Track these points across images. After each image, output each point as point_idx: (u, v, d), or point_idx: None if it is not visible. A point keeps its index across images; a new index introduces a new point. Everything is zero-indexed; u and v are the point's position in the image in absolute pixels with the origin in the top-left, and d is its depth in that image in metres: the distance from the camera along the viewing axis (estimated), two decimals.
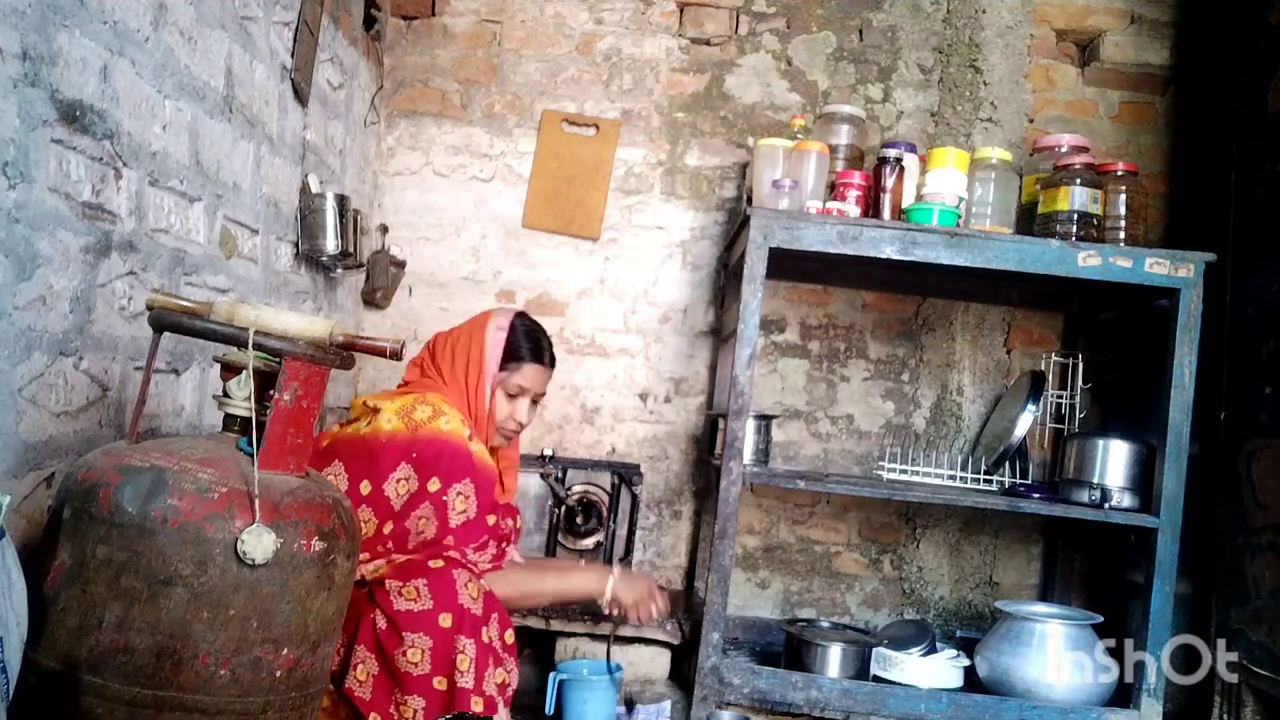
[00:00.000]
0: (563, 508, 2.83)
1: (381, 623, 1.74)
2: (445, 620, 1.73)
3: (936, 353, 2.99)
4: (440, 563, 1.80)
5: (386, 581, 1.77)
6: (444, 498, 1.86)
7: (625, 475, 2.91)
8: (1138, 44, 2.95)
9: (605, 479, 2.92)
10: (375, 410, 1.91)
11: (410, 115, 3.04)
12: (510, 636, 1.87)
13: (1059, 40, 3.02)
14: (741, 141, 3.01)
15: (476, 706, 1.72)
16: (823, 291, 3.01)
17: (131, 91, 1.61)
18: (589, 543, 2.90)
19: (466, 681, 1.72)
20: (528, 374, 2.07)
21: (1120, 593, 2.68)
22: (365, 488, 1.84)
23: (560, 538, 2.87)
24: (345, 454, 1.86)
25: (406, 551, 1.85)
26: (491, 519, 1.93)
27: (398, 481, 1.84)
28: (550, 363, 2.13)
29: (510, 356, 2.05)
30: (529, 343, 2.08)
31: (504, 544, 2.01)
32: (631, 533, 2.92)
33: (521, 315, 2.13)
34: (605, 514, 2.88)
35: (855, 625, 2.77)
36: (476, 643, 1.75)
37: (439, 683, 1.72)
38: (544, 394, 2.15)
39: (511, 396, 2.07)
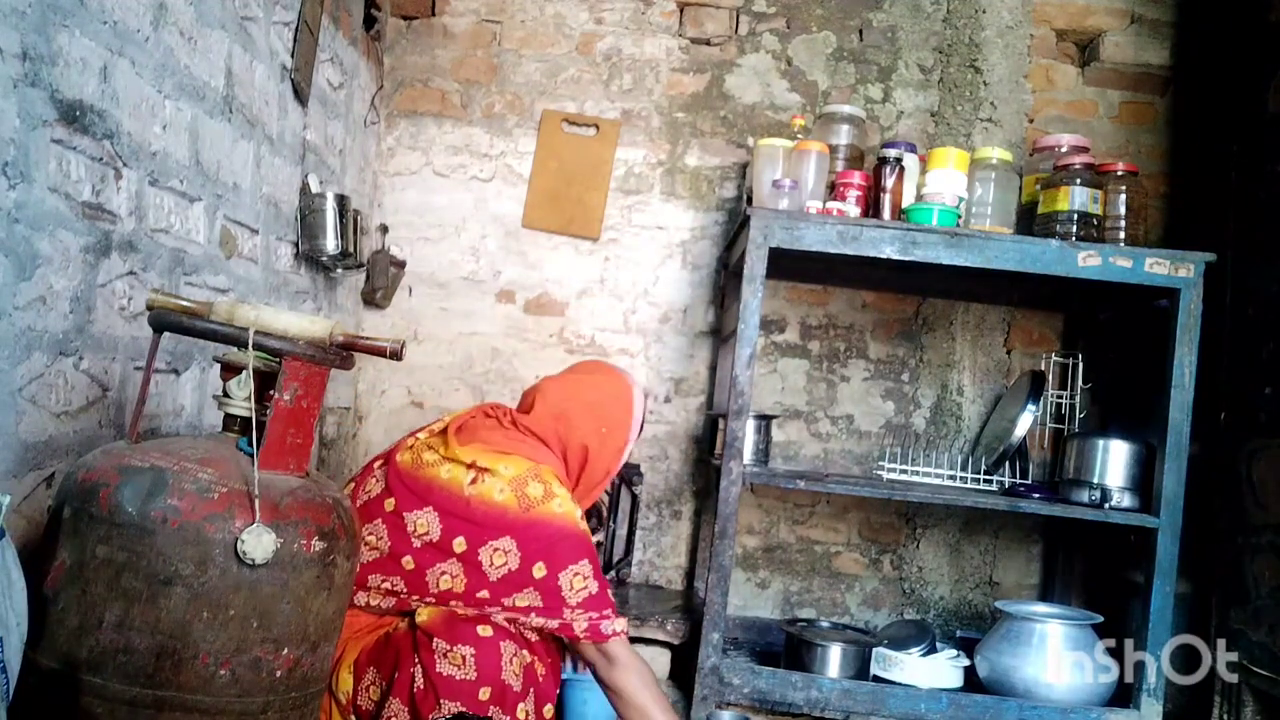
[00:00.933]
0: None
1: (420, 681, 1.70)
2: (484, 694, 1.69)
3: (936, 353, 2.99)
4: (489, 630, 1.74)
5: (434, 640, 1.71)
6: (555, 583, 1.79)
7: (625, 475, 2.91)
8: (1138, 44, 2.95)
9: None
10: (485, 470, 1.81)
11: (410, 115, 3.04)
12: (549, 711, 1.82)
13: (1059, 40, 3.02)
14: (741, 141, 3.01)
15: None
16: (823, 291, 3.01)
17: (131, 91, 1.61)
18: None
19: None
20: (633, 445, 2.09)
21: (1120, 593, 2.68)
22: (460, 545, 1.77)
23: None
24: (444, 505, 1.79)
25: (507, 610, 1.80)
26: (609, 594, 1.86)
27: (494, 551, 1.78)
28: None
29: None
30: (643, 419, 2.08)
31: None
32: (631, 533, 2.92)
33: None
34: (605, 514, 2.88)
35: (855, 625, 2.77)
36: (512, 717, 1.71)
37: None
38: None
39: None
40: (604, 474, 2.01)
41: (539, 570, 1.78)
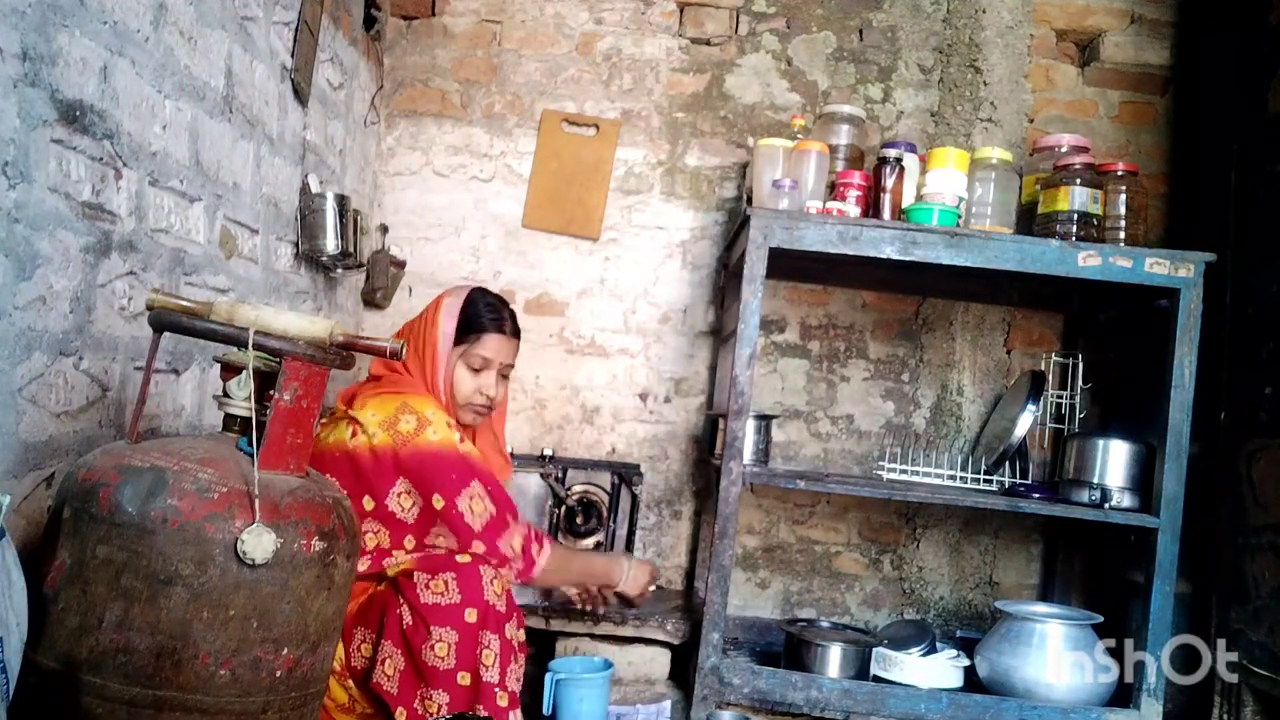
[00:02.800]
0: (563, 508, 2.83)
1: (408, 617, 1.76)
2: (471, 615, 1.76)
3: (936, 353, 2.99)
4: (467, 558, 1.83)
5: (414, 574, 1.79)
6: (455, 510, 1.86)
7: (625, 475, 2.90)
8: (1138, 44, 2.95)
9: (605, 479, 2.91)
10: (356, 421, 1.87)
11: (410, 115, 3.04)
12: (521, 636, 1.91)
13: (1059, 40, 3.02)
14: (741, 141, 3.01)
15: (501, 701, 1.76)
16: (823, 291, 3.01)
17: (131, 91, 1.61)
18: (589, 543, 2.89)
19: (491, 676, 1.76)
20: (489, 344, 2.04)
21: (1120, 593, 2.68)
22: (368, 503, 1.85)
23: (560, 537, 2.87)
24: (335, 469, 1.79)
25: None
26: (509, 517, 1.94)
27: (399, 495, 1.86)
28: (513, 332, 2.10)
29: (469, 329, 2.02)
30: (489, 312, 2.05)
31: (535, 532, 2.03)
32: (631, 533, 2.91)
33: (481, 289, 2.11)
34: (605, 514, 2.87)
35: (855, 625, 2.77)
36: (500, 638, 1.78)
37: (463, 678, 1.75)
38: (512, 366, 2.13)
39: (475, 370, 2.03)
40: (433, 357, 1.99)
41: (437, 501, 1.86)
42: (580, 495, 2.87)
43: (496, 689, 1.76)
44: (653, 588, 2.38)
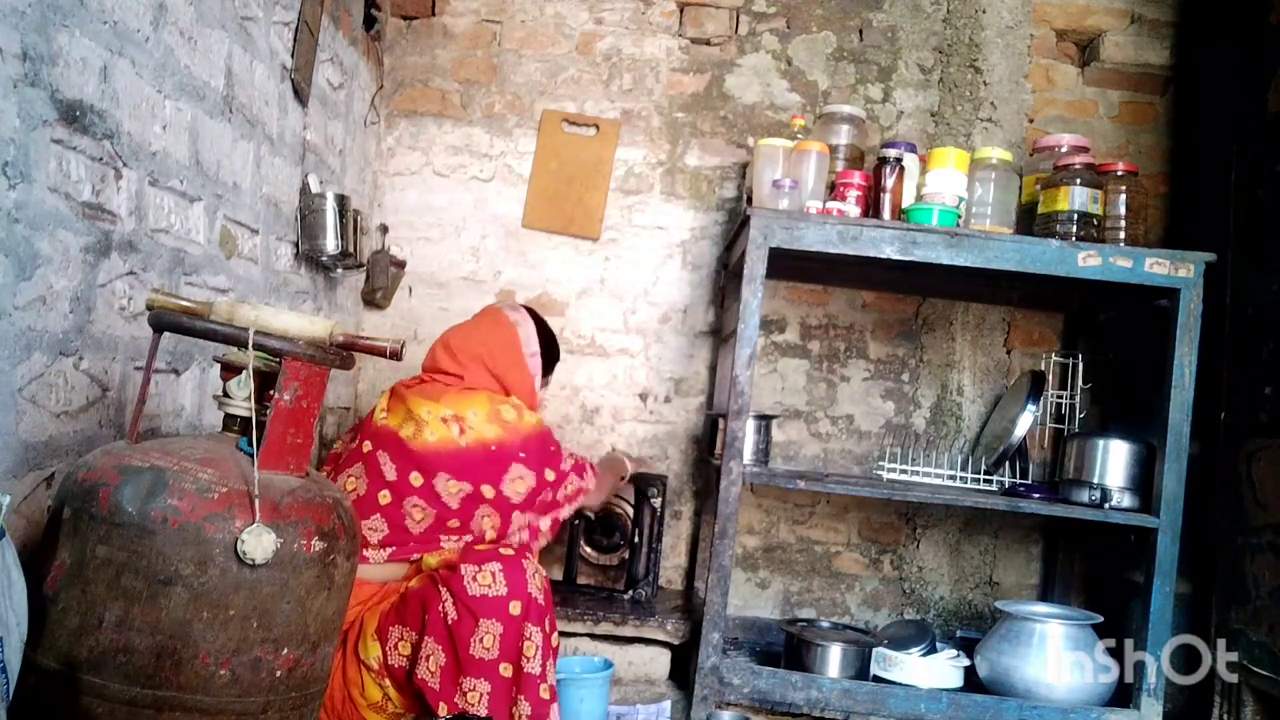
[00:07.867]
0: (581, 520, 2.69)
1: (453, 612, 1.79)
2: (515, 608, 1.81)
3: (936, 353, 2.99)
4: (511, 550, 1.91)
5: (462, 566, 1.84)
6: (562, 471, 2.15)
7: (642, 487, 2.69)
8: (1138, 44, 2.95)
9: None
10: (461, 418, 2.03)
11: (410, 115, 3.04)
12: (556, 640, 1.94)
13: (1059, 40, 3.02)
14: (741, 141, 3.01)
15: (544, 694, 1.80)
16: (823, 291, 3.01)
17: (131, 91, 1.61)
18: (612, 560, 2.82)
19: (534, 668, 1.79)
20: (550, 376, 2.40)
21: (1120, 593, 2.68)
22: (488, 491, 1.99)
23: (580, 550, 2.78)
24: (454, 466, 1.99)
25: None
26: (580, 458, 2.30)
27: (514, 480, 2.04)
28: None
29: (544, 371, 2.33)
30: (553, 351, 2.37)
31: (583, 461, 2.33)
32: (655, 549, 2.70)
33: (538, 322, 2.34)
34: (629, 529, 2.72)
35: (855, 625, 2.76)
36: (542, 631, 1.83)
37: (505, 669, 1.78)
38: None
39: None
40: (529, 398, 2.26)
41: (549, 474, 2.11)
42: (601, 508, 2.68)
43: (539, 681, 1.80)
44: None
